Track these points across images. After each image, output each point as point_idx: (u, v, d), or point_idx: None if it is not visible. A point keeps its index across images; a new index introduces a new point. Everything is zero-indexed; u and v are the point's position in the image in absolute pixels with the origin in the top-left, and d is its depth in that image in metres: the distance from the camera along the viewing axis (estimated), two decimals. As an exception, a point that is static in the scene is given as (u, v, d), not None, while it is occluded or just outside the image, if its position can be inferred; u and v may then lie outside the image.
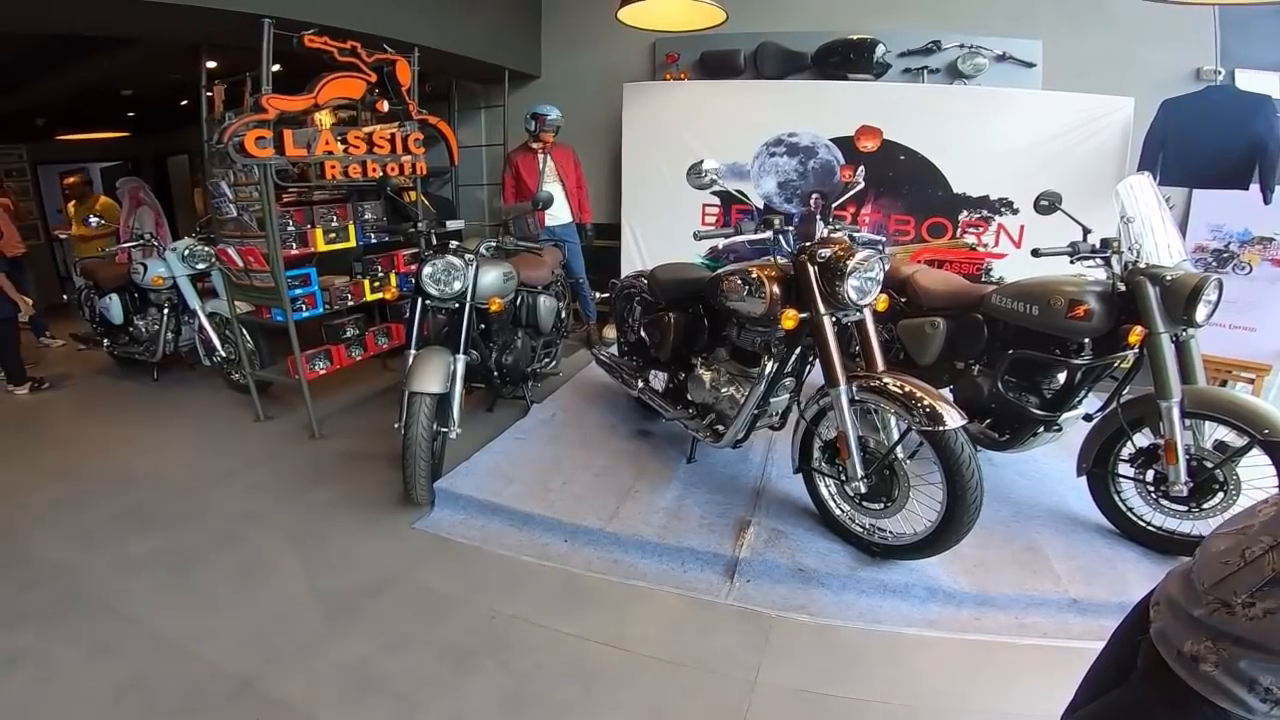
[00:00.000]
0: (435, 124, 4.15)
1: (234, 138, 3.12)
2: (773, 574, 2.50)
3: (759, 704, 2.00)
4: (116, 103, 6.56)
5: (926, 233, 4.92)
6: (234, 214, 3.65)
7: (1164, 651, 1.00)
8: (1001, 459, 3.21)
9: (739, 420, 2.75)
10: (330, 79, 3.43)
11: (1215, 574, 0.94)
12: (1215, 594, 0.93)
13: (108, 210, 6.08)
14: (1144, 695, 1.04)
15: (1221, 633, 0.92)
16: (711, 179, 2.48)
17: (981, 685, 2.05)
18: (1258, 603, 0.88)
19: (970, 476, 2.16)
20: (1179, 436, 2.34)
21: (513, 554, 2.74)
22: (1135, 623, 1.18)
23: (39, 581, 2.55)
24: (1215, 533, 1.03)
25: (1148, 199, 2.57)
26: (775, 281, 2.54)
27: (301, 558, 2.74)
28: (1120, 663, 1.17)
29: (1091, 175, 4.27)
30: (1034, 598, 2.35)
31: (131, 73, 5.32)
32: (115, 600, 2.44)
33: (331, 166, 3.53)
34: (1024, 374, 2.80)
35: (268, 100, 3.19)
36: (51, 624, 2.30)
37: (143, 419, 4.29)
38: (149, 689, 2.01)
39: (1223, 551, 0.95)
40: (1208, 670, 0.92)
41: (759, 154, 5.13)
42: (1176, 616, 1.00)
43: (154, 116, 7.23)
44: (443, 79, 5.79)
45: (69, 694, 2.00)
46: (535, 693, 2.05)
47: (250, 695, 2.00)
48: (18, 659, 2.12)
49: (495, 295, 3.24)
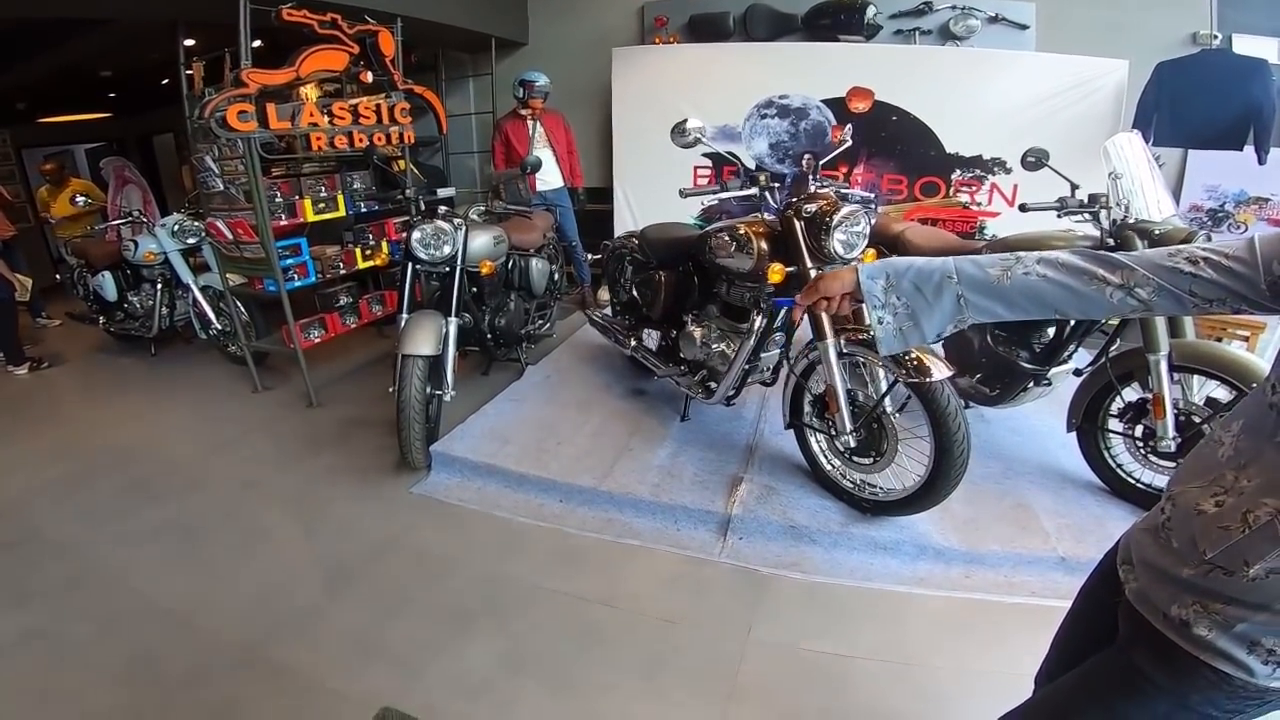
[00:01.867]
0: (421, 94, 4.02)
1: (215, 112, 3.03)
2: (765, 531, 2.46)
3: (750, 661, 1.97)
4: (97, 84, 6.38)
5: (919, 192, 4.83)
6: (220, 188, 3.54)
7: (1147, 614, 0.92)
8: (994, 415, 3.16)
9: (729, 376, 2.71)
10: (311, 52, 3.30)
11: (1214, 540, 0.83)
12: (1218, 561, 0.83)
13: (90, 190, 5.94)
14: (1135, 661, 0.95)
15: (1214, 593, 0.84)
16: (695, 137, 2.42)
17: (970, 643, 2.01)
18: (1259, 564, 0.79)
19: (956, 429, 2.12)
20: (1167, 391, 2.28)
21: (509, 515, 2.70)
22: (1101, 583, 1.09)
23: (47, 558, 2.51)
24: (1187, 484, 0.91)
25: (1136, 156, 2.49)
26: (763, 238, 2.49)
27: (302, 525, 2.70)
28: (1091, 626, 1.09)
29: (1084, 136, 4.13)
30: (1023, 556, 2.30)
31: (110, 53, 5.16)
32: (122, 574, 2.41)
33: (317, 138, 3.42)
34: (1014, 329, 2.73)
35: (248, 75, 3.08)
36: (62, 600, 2.27)
37: (142, 394, 4.22)
38: (158, 661, 1.99)
39: (1217, 515, 0.84)
40: (1201, 634, 0.84)
41: (750, 116, 5.01)
42: (1155, 577, 0.92)
43: (136, 97, 7.02)
44: (429, 49, 5.61)
45: (82, 669, 1.98)
46: (532, 652, 2.02)
47: (255, 663, 1.98)
48: (31, 636, 2.10)
49: (485, 259, 3.18)
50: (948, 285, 1.03)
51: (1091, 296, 0.95)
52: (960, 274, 1.03)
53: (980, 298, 1.02)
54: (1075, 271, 0.96)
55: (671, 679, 1.91)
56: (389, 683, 1.90)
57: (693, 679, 1.91)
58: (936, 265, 1.06)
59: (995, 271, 1.01)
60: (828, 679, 1.89)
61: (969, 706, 1.22)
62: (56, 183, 5.91)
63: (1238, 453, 0.85)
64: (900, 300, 1.07)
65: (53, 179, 5.92)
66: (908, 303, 1.07)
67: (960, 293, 1.03)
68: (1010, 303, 1.00)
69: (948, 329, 1.07)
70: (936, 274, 1.04)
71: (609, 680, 1.91)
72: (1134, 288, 0.92)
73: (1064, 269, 0.97)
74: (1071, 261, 0.97)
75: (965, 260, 1.05)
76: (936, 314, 1.05)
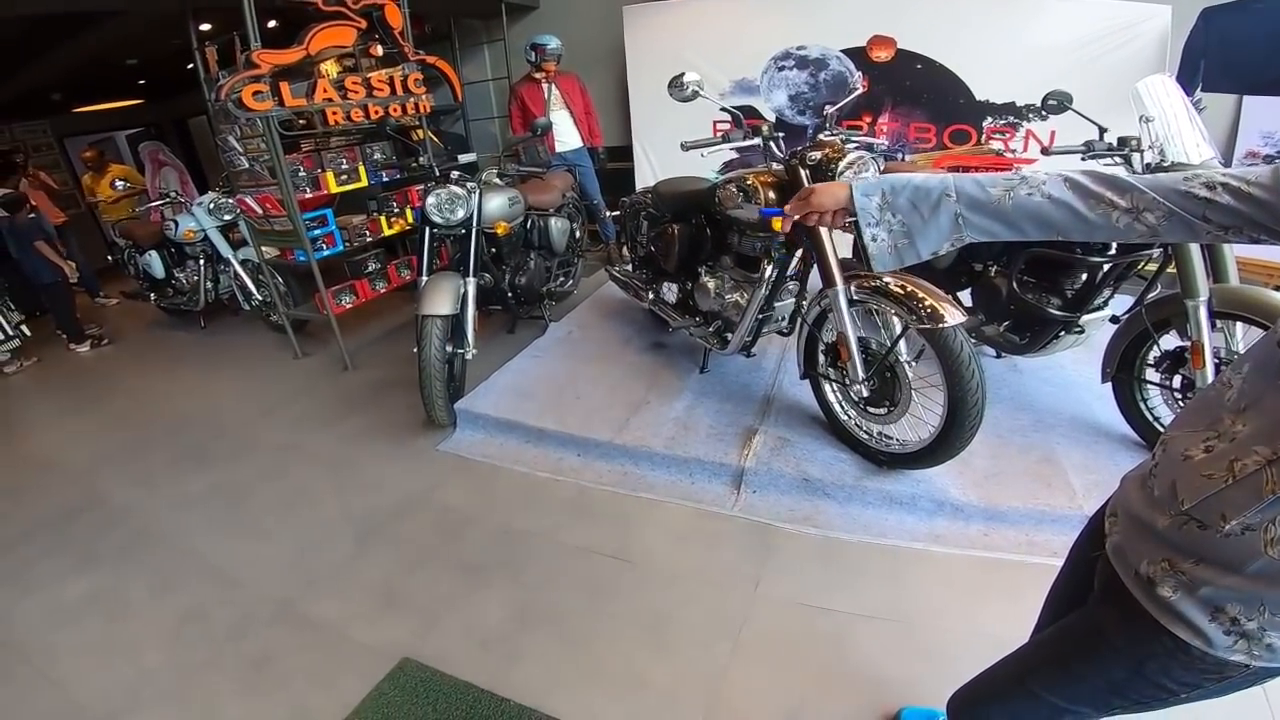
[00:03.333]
0: (434, 63, 3.93)
1: (231, 94, 3.01)
2: (778, 484, 2.37)
3: (756, 615, 1.91)
4: (125, 72, 6.39)
5: (949, 140, 4.59)
6: (246, 165, 3.56)
7: (1120, 570, 0.84)
8: (1027, 365, 2.98)
9: (743, 325, 2.62)
10: (319, 29, 3.24)
11: (1195, 489, 0.73)
12: (1196, 513, 0.73)
13: (129, 174, 6.03)
14: (1099, 620, 0.88)
15: (1183, 549, 0.74)
16: (694, 90, 2.31)
17: (984, 604, 1.88)
18: (1237, 520, 0.69)
19: (970, 376, 1.98)
20: (1206, 338, 2.07)
21: (528, 470, 2.69)
22: (1091, 537, 1.01)
23: (110, 523, 2.63)
24: (1181, 430, 0.81)
25: (1170, 98, 2.26)
26: (770, 187, 2.38)
27: (336, 485, 2.75)
28: (1077, 582, 1.01)
29: (1125, 83, 3.81)
30: (1045, 513, 2.13)
31: (132, 42, 5.15)
32: (175, 536, 2.51)
33: (334, 113, 3.40)
34: (1044, 274, 2.55)
35: (258, 55, 3.06)
36: (122, 562, 2.38)
37: (193, 365, 4.34)
38: (206, 617, 2.08)
39: (1203, 462, 0.74)
40: (1165, 595, 0.76)
41: (767, 69, 4.81)
42: (1135, 529, 0.83)
43: (166, 82, 7.02)
44: (441, 18, 5.48)
45: (141, 627, 2.07)
46: (543, 604, 2.01)
47: (291, 616, 2.05)
48: (98, 596, 2.22)
49: (501, 220, 3.12)
50: (945, 203, 0.96)
51: (1094, 220, 0.86)
52: (959, 192, 0.95)
53: (979, 217, 0.94)
54: (1082, 193, 0.87)
55: (676, 632, 1.87)
56: (409, 634, 1.93)
57: (697, 633, 1.87)
58: (935, 182, 0.97)
59: (996, 191, 0.92)
60: (832, 637, 1.82)
61: (976, 670, 1.13)
62: (98, 169, 6.04)
63: (1240, 395, 0.74)
64: (896, 218, 1.00)
65: (94, 165, 6.06)
66: (903, 220, 1.00)
67: (958, 210, 0.95)
68: (1010, 223, 0.92)
69: (944, 247, 1.00)
70: (935, 191, 0.97)
71: (616, 632, 1.89)
72: (1142, 211, 0.83)
73: (1071, 189, 0.88)
74: (1079, 181, 0.87)
75: (966, 178, 0.96)
76: (932, 232, 0.98)
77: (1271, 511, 0.67)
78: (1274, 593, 0.69)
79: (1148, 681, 0.82)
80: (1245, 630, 0.72)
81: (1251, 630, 0.72)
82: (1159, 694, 0.83)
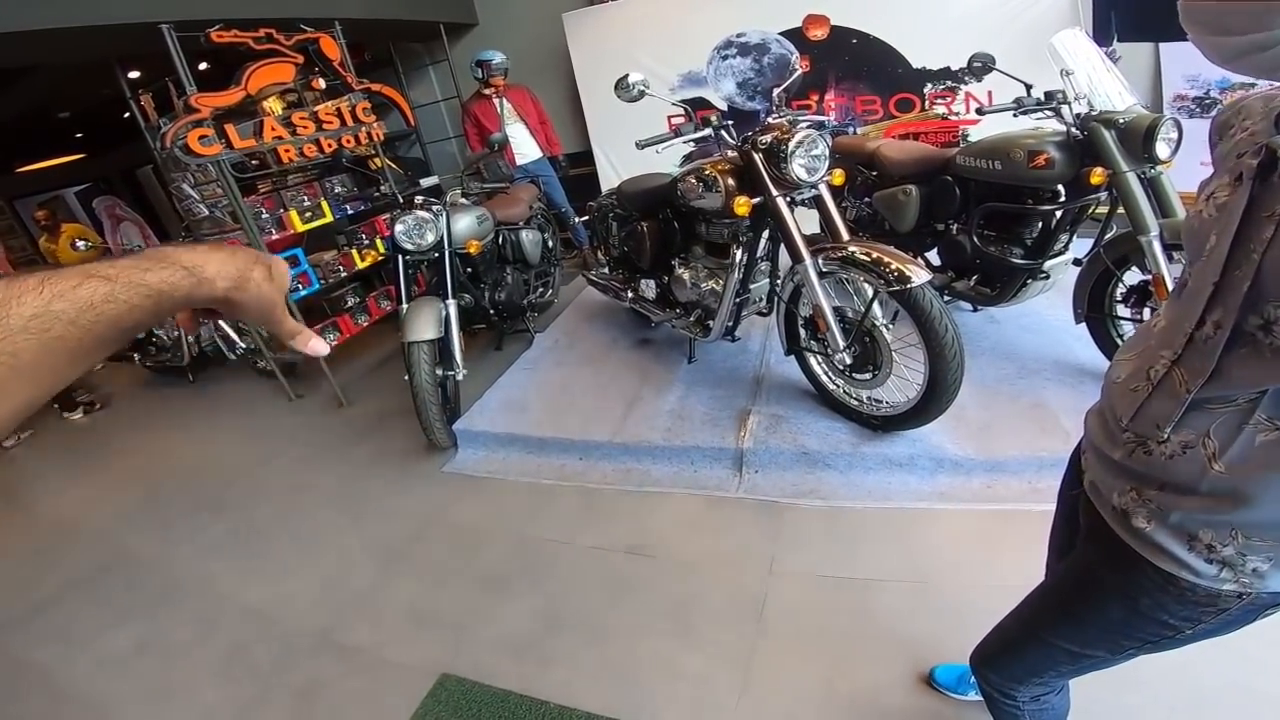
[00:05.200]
0: (379, 90, 3.86)
1: (176, 140, 2.93)
2: (779, 461, 2.38)
3: (776, 592, 1.92)
4: (59, 125, 6.12)
5: (895, 109, 4.60)
6: (206, 213, 3.46)
7: (1098, 505, 0.83)
8: (1003, 315, 3.01)
9: (722, 310, 2.63)
10: (255, 68, 3.17)
11: (1129, 406, 0.75)
12: (1134, 429, 0.74)
13: (84, 233, 5.68)
14: (1089, 560, 0.87)
15: (1143, 476, 0.74)
16: (640, 90, 2.32)
17: (998, 556, 1.87)
18: (1173, 437, 0.69)
19: (945, 331, 2.00)
20: (1165, 270, 2.12)
21: (533, 479, 2.68)
22: (1071, 476, 1.00)
23: (141, 577, 2.62)
24: (1117, 357, 0.83)
25: (1084, 51, 2.32)
26: (728, 174, 2.39)
27: (350, 516, 2.73)
28: (1068, 526, 1.01)
29: (1045, 38, 3.86)
30: (1045, 459, 2.12)
31: (61, 96, 4.94)
32: (206, 582, 2.50)
33: (286, 150, 3.31)
34: (1003, 227, 2.60)
35: (197, 100, 2.97)
36: (160, 611, 2.38)
37: (190, 420, 4.25)
38: (249, 654, 2.09)
39: (1128, 378, 0.76)
40: (1140, 526, 0.75)
41: (711, 59, 4.79)
42: (1102, 463, 0.82)
43: (106, 133, 6.73)
44: (380, 44, 5.36)
45: (189, 668, 2.09)
46: (567, 607, 2.01)
47: (329, 646, 2.06)
48: (142, 645, 2.22)
49: (472, 239, 3.08)
50: None
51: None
52: None
53: None
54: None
55: (699, 618, 1.88)
56: (443, 651, 1.93)
57: (720, 616, 1.87)
58: None
59: None
60: (852, 605, 1.83)
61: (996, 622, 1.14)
62: (51, 230, 5.61)
63: (1160, 315, 0.76)
64: None
65: (47, 226, 5.65)
66: None
67: None
68: None
69: None
70: None
71: (641, 626, 1.89)
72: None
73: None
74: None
75: None
76: None
77: (1197, 421, 0.67)
78: (1238, 513, 0.67)
79: (1146, 618, 0.80)
80: (1224, 558, 0.70)
81: (1230, 557, 0.69)
82: (1163, 631, 0.80)
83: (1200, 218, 0.69)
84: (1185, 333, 0.68)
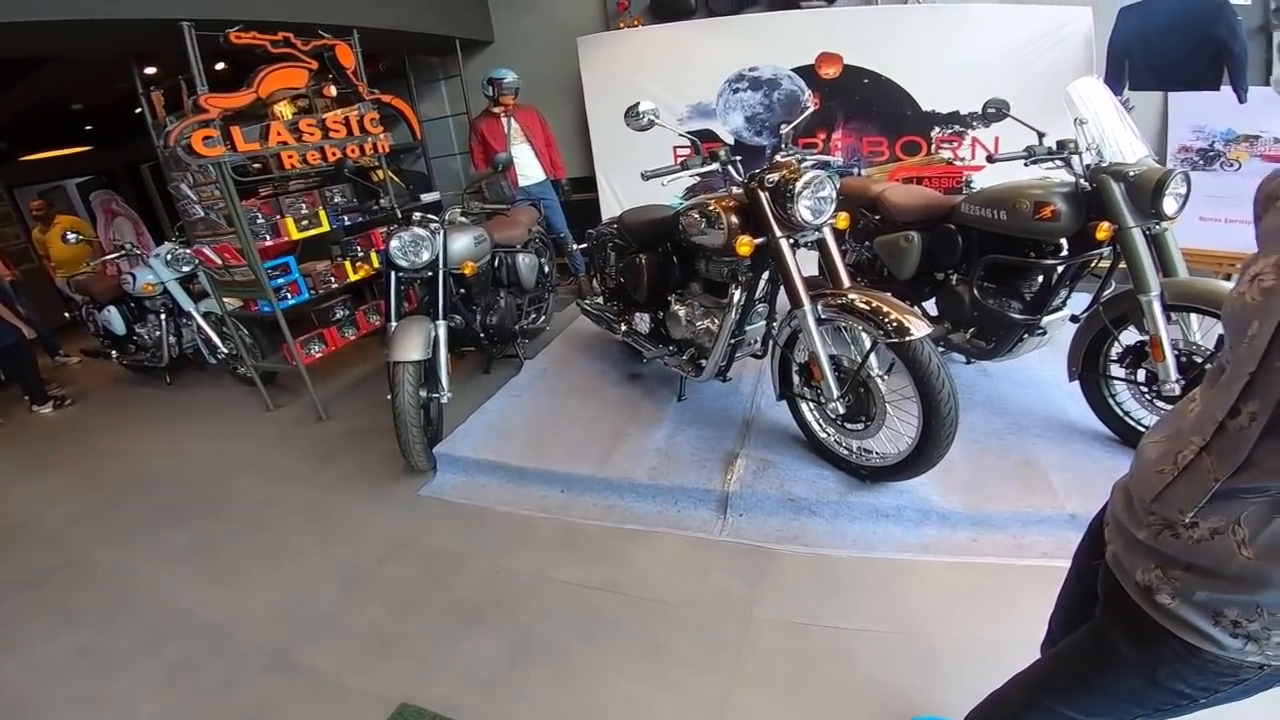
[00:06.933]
0: (390, 101, 3.94)
1: (180, 140, 2.97)
2: (764, 506, 2.40)
3: (754, 639, 1.92)
4: (70, 117, 6.20)
5: (901, 151, 4.75)
6: (201, 214, 3.50)
7: (1121, 579, 0.84)
8: (996, 370, 3.06)
9: (716, 351, 2.65)
10: (268, 71, 3.23)
11: (1152, 487, 0.77)
12: (1158, 511, 0.76)
13: (77, 225, 5.74)
14: (1107, 631, 0.88)
15: (1170, 558, 0.76)
16: (650, 119, 2.36)
17: (979, 610, 1.91)
18: (1201, 523, 0.71)
19: (941, 386, 2.03)
20: (1163, 331, 2.16)
21: (513, 509, 2.67)
22: (1091, 545, 1.02)
23: (91, 579, 2.59)
24: (1148, 438, 0.85)
25: (1100, 100, 2.38)
26: (732, 211, 2.42)
27: (319, 534, 2.71)
28: (1082, 591, 1.02)
29: (1059, 85, 4.01)
30: (1031, 515, 2.17)
31: (76, 88, 5.04)
32: (158, 590, 2.48)
33: (289, 156, 3.37)
34: (1002, 279, 2.64)
35: (206, 100, 3.02)
36: (107, 618, 2.34)
37: (162, 422, 4.24)
38: (196, 669, 2.05)
39: (1156, 460, 0.78)
40: (1165, 602, 0.76)
41: (722, 91, 4.93)
42: (1126, 540, 0.84)
43: (115, 127, 6.83)
44: (395, 55, 5.49)
45: (129, 680, 2.04)
46: (539, 642, 2.00)
47: (284, 665, 2.03)
48: (82, 652, 2.18)
49: (467, 260, 3.11)
50: None
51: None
52: None
53: None
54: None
55: (674, 661, 1.87)
56: (405, 679, 1.91)
57: (695, 660, 1.87)
58: None
59: None
60: (831, 654, 1.84)
61: (979, 674, 1.15)
62: (45, 221, 5.75)
63: (1194, 398, 0.78)
64: None
65: (42, 217, 5.77)
66: None
67: None
68: None
69: None
70: None
71: (614, 666, 1.88)
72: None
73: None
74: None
75: None
76: None
77: (1227, 508, 0.69)
78: (1265, 594, 0.68)
79: (1163, 689, 0.81)
80: (1250, 632, 0.71)
81: (1255, 632, 0.71)
82: (1177, 700, 0.81)
83: (1243, 300, 0.67)
84: (1216, 420, 0.69)
